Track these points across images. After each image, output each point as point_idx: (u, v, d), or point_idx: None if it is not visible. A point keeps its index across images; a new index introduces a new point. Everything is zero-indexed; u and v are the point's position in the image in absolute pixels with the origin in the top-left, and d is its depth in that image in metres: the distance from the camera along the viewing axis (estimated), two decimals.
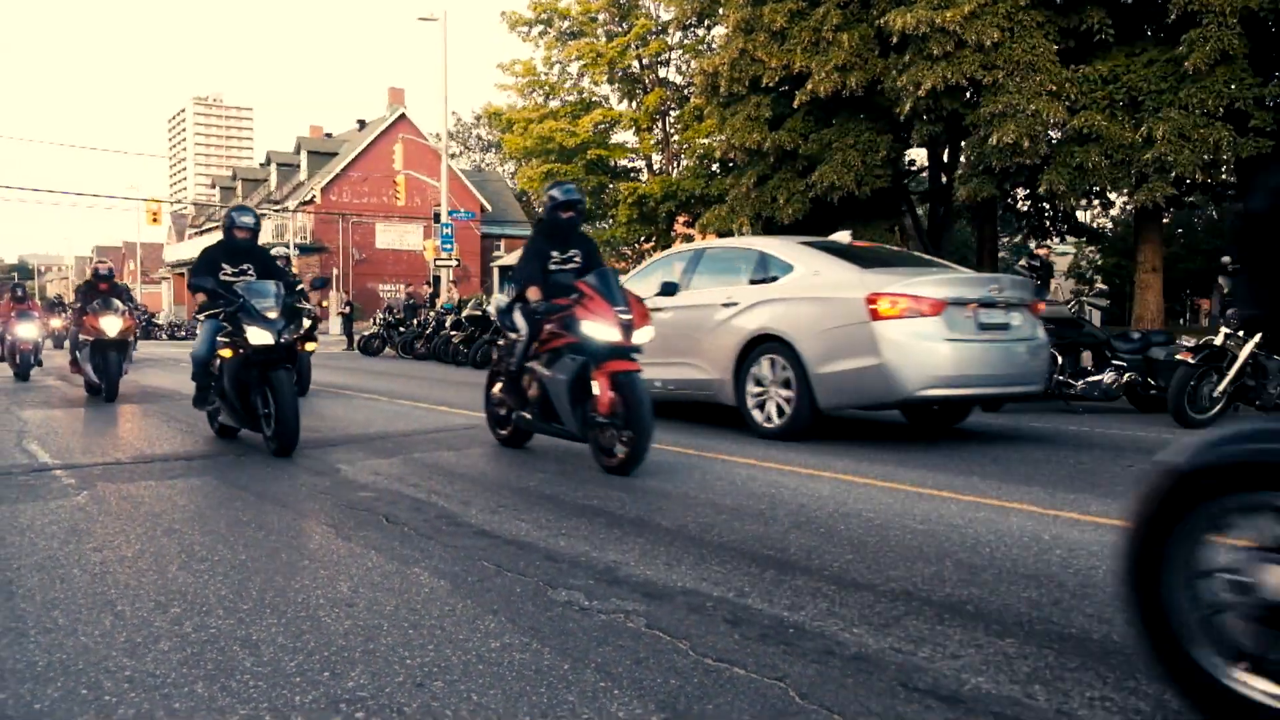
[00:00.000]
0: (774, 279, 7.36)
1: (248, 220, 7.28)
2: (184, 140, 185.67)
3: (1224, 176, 17.31)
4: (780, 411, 7.04)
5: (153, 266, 72.49)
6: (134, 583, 3.48)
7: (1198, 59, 14.81)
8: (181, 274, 61.11)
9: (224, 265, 7.14)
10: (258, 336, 6.34)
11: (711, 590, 3.28)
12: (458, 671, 2.57)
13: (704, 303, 7.73)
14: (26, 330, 14.41)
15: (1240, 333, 8.01)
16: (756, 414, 7.24)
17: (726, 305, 7.53)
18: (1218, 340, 8.09)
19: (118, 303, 11.18)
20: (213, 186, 66.10)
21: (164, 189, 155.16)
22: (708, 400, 7.81)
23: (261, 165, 57.02)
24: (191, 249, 59.15)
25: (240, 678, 2.56)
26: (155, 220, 40.04)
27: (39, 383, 14.02)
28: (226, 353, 6.63)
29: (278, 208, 47.23)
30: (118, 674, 2.59)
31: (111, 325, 10.74)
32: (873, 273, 6.85)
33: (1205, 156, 15.18)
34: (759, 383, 7.21)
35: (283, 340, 6.43)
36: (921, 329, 6.39)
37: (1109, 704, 2.31)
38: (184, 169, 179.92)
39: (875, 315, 6.41)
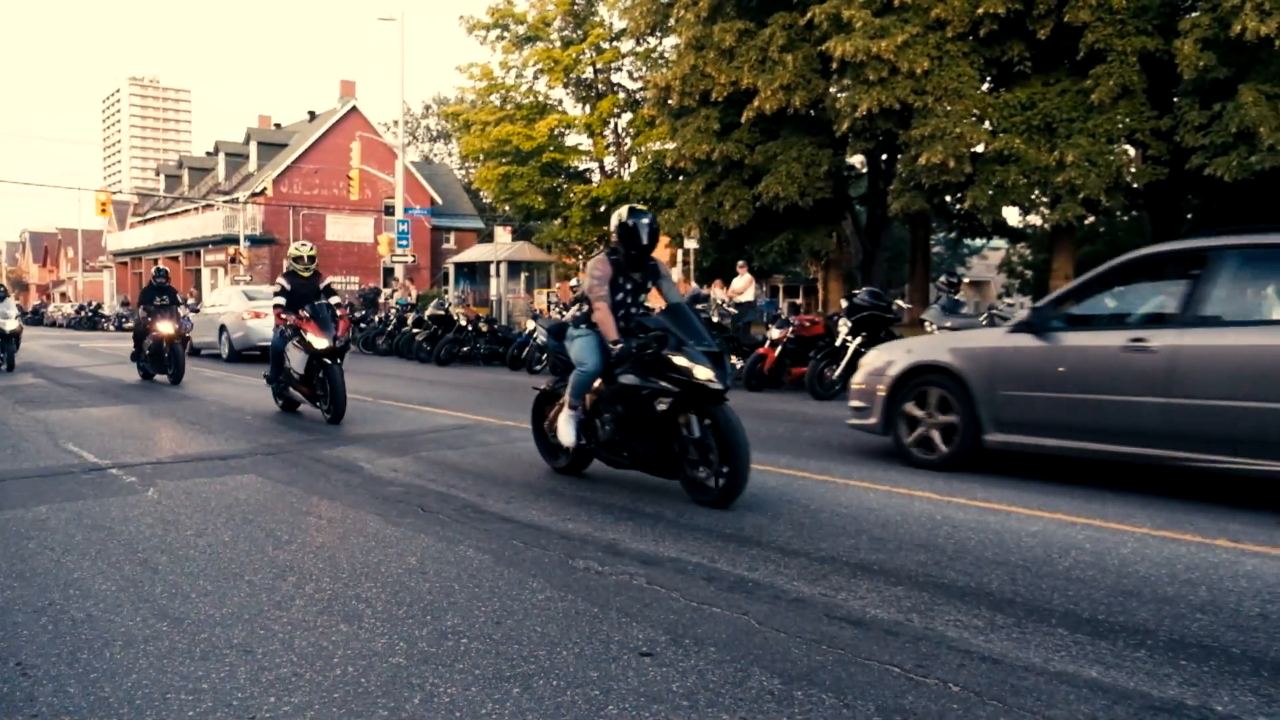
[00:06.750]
0: None
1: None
2: (119, 123, 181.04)
3: (1125, 201, 19.01)
4: None
5: (93, 254, 71.43)
6: (246, 560, 4.52)
7: (1103, 92, 16.45)
8: (125, 262, 60.50)
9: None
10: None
11: (690, 558, 4.46)
12: (521, 614, 3.71)
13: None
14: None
15: (850, 334, 11.65)
16: None
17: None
18: (837, 341, 11.81)
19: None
20: (157, 174, 65.17)
21: (98, 173, 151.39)
22: None
23: (209, 154, 56.61)
24: (135, 238, 58.49)
25: (368, 621, 3.65)
26: (104, 211, 39.96)
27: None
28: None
29: (227, 198, 47.23)
30: (279, 619, 3.66)
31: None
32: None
33: (1109, 180, 16.84)
34: None
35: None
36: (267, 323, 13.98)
37: (960, 623, 3.54)
38: (119, 153, 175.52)
39: (255, 315, 15.99)
